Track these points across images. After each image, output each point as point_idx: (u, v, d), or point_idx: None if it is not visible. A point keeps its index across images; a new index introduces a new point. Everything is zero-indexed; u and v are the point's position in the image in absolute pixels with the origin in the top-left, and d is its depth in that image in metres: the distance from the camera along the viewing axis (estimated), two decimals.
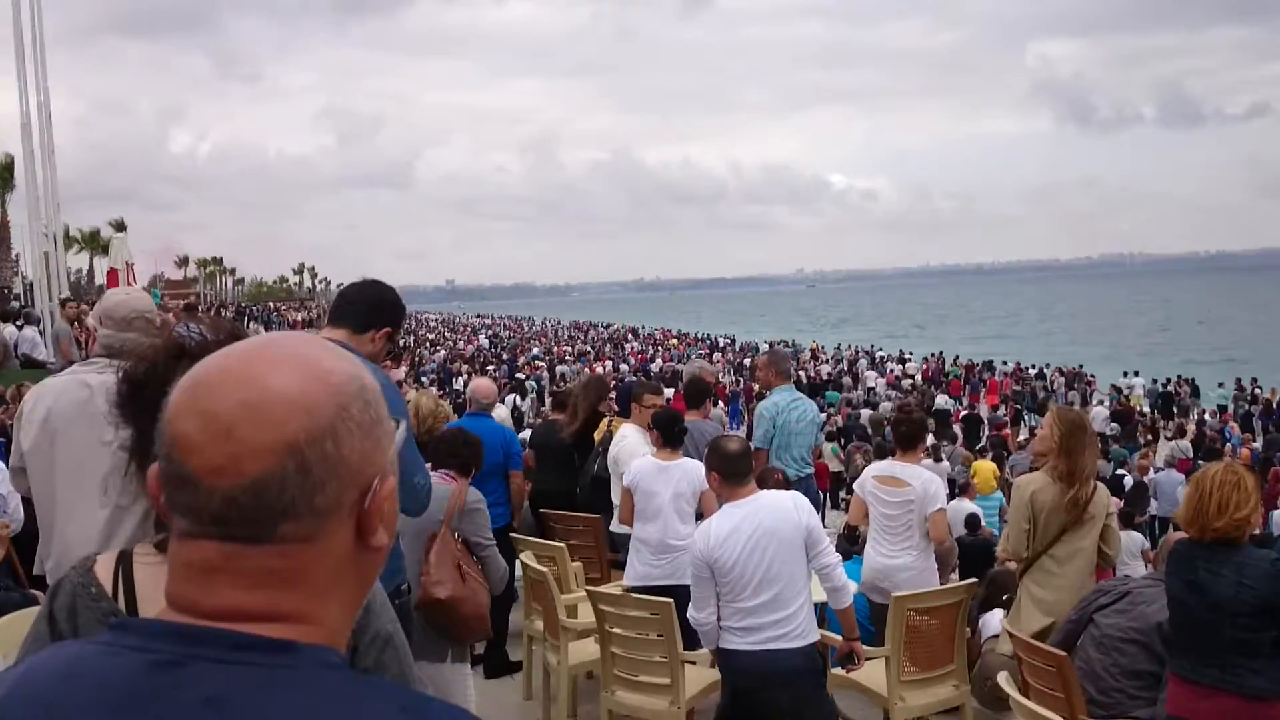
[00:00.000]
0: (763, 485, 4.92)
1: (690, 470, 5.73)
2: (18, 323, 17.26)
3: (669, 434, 5.83)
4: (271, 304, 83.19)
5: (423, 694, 0.97)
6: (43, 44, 19.62)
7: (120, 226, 63.96)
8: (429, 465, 4.58)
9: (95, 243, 61.55)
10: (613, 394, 8.76)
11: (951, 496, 12.42)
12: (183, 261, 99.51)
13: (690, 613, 4.50)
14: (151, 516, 1.37)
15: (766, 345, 54.44)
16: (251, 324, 58.26)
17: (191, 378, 0.90)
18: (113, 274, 17.29)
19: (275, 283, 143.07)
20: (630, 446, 6.46)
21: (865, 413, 26.86)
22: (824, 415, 17.03)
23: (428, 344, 57.89)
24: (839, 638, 4.66)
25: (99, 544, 3.18)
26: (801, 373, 37.06)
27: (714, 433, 7.25)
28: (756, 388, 29.13)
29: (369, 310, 3.51)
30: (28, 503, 4.12)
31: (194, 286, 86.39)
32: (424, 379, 36.80)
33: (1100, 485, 5.27)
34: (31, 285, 22.38)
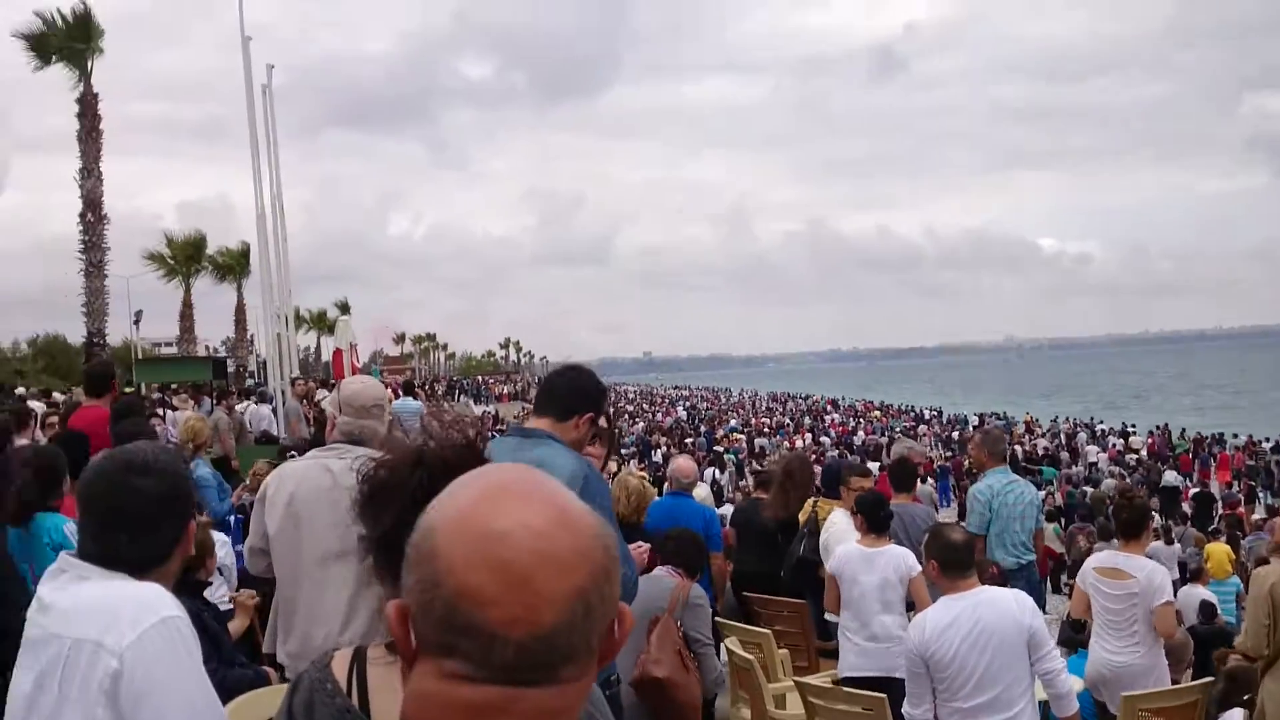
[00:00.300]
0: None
1: (897, 557, 5.53)
2: (253, 400, 18.54)
3: (874, 519, 5.64)
4: (480, 377, 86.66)
5: None
6: (275, 140, 21.25)
7: (345, 308, 68.32)
8: (652, 553, 4.60)
9: (322, 323, 65.75)
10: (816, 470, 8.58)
11: (1183, 582, 11.50)
12: (399, 338, 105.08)
13: (906, 709, 4.30)
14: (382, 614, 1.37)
15: (975, 417, 52.67)
16: (462, 396, 60.79)
17: (472, 524, 0.90)
18: (338, 354, 18.30)
19: (483, 357, 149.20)
20: (839, 533, 6.28)
21: (1088, 490, 25.36)
22: (1042, 493, 16.17)
23: (626, 416, 58.80)
24: None
25: (339, 629, 3.31)
26: (1016, 447, 35.42)
27: (924, 517, 6.98)
28: (967, 463, 28.07)
29: (571, 398, 3.53)
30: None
31: (410, 362, 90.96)
32: (623, 451, 37.31)
33: None
34: (265, 364, 24.00)
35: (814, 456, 30.73)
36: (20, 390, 19.80)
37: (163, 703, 1.99)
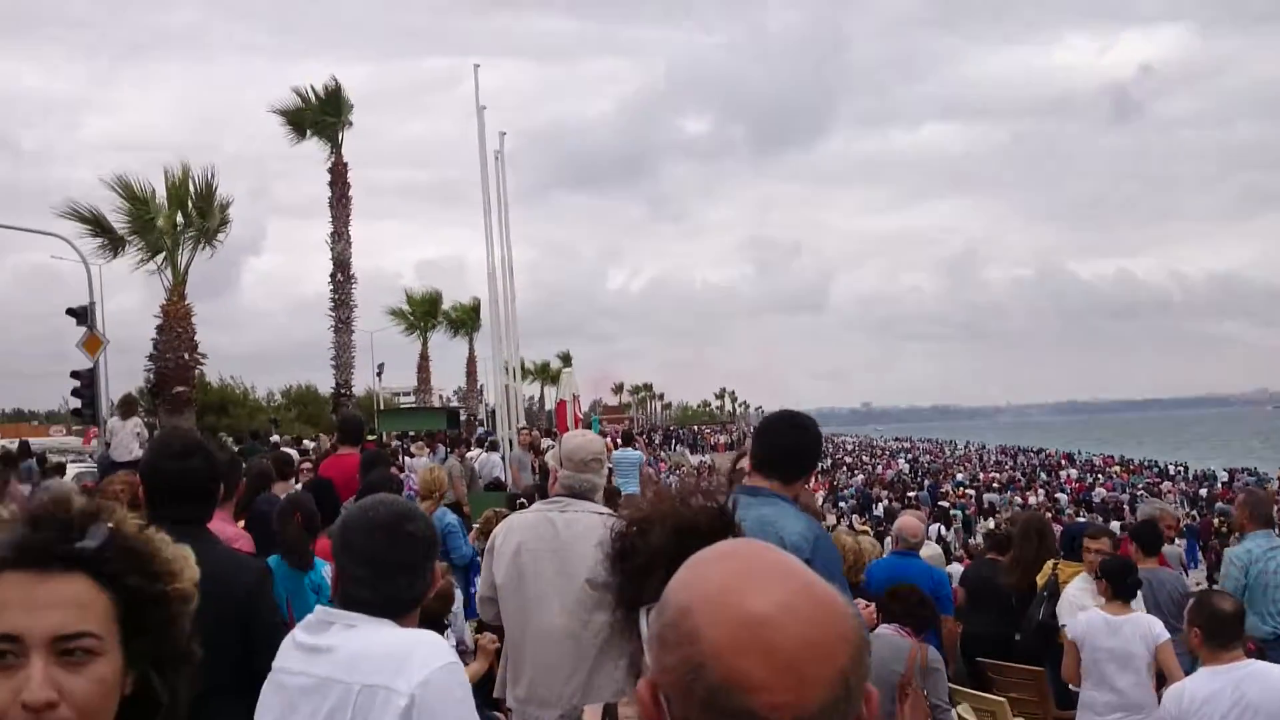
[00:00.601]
0: None
1: (1144, 625, 5.20)
2: (484, 448, 19.35)
3: (1120, 585, 5.32)
4: (696, 427, 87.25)
5: None
6: (505, 201, 22.35)
7: (567, 360, 70.45)
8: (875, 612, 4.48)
9: (545, 373, 68.08)
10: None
11: None
12: (618, 388, 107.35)
13: None
14: (630, 666, 1.40)
15: (1224, 473, 48.65)
16: (678, 446, 61.35)
17: (732, 606, 0.91)
18: (561, 405, 18.91)
19: (699, 407, 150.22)
20: (1079, 597, 5.93)
21: None
22: None
23: (845, 468, 57.66)
24: None
25: (564, 678, 3.40)
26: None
27: (1173, 582, 6.54)
28: (1216, 522, 25.93)
29: (802, 459, 3.49)
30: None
31: (628, 411, 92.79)
32: (841, 504, 36.58)
33: None
34: (494, 413, 25.03)
35: (1049, 515, 29.24)
36: (275, 438, 21.38)
37: None
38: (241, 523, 5.06)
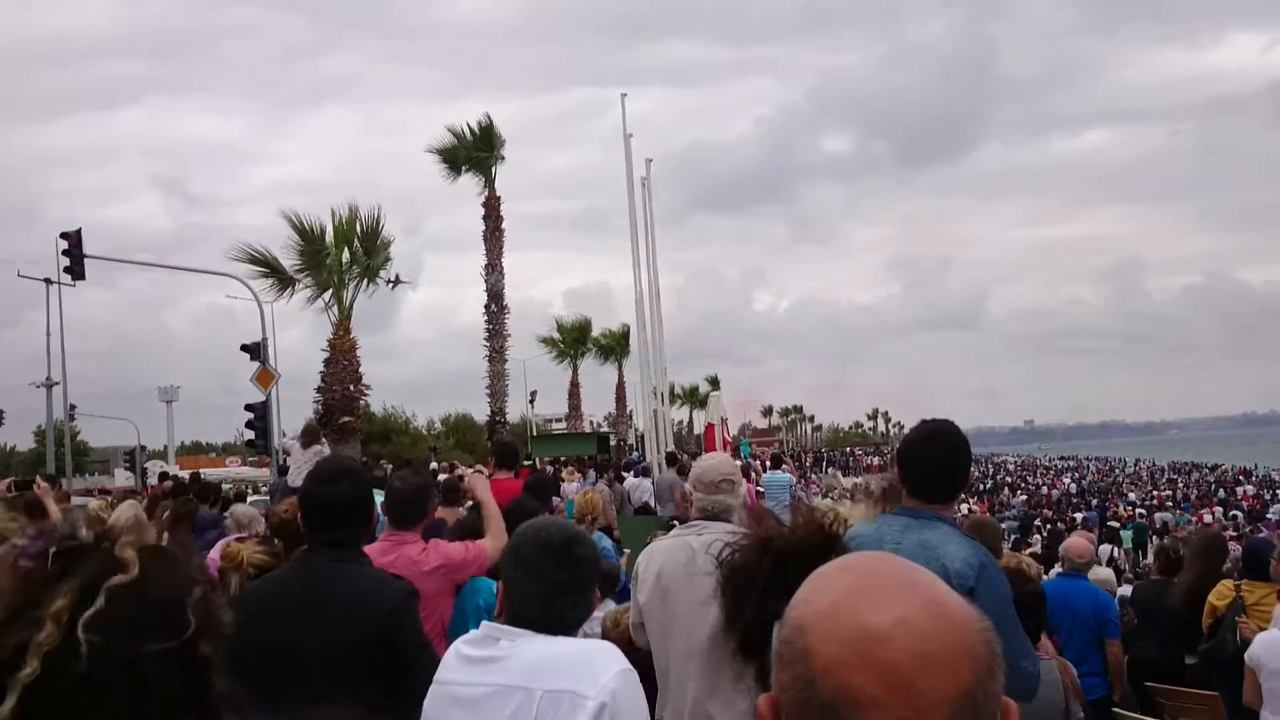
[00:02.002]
0: None
1: None
2: (634, 473, 19.57)
3: None
4: (847, 449, 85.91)
5: None
6: (652, 227, 22.62)
7: (715, 383, 70.34)
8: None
9: (694, 398, 68.20)
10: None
11: None
12: (767, 411, 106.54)
13: None
14: (758, 682, 1.45)
15: None
16: (830, 469, 60.50)
17: (846, 621, 0.89)
18: (709, 429, 18.99)
19: (850, 428, 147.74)
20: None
21: None
22: None
23: (1006, 488, 55.75)
24: None
25: (705, 697, 3.46)
26: None
27: None
28: None
29: (950, 476, 3.38)
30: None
31: (777, 434, 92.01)
32: (1003, 525, 35.40)
33: None
34: (643, 437, 25.25)
35: (1232, 533, 27.61)
36: (433, 465, 22.09)
37: None
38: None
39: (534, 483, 6.94)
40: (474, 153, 30.39)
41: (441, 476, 17.52)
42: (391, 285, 24.14)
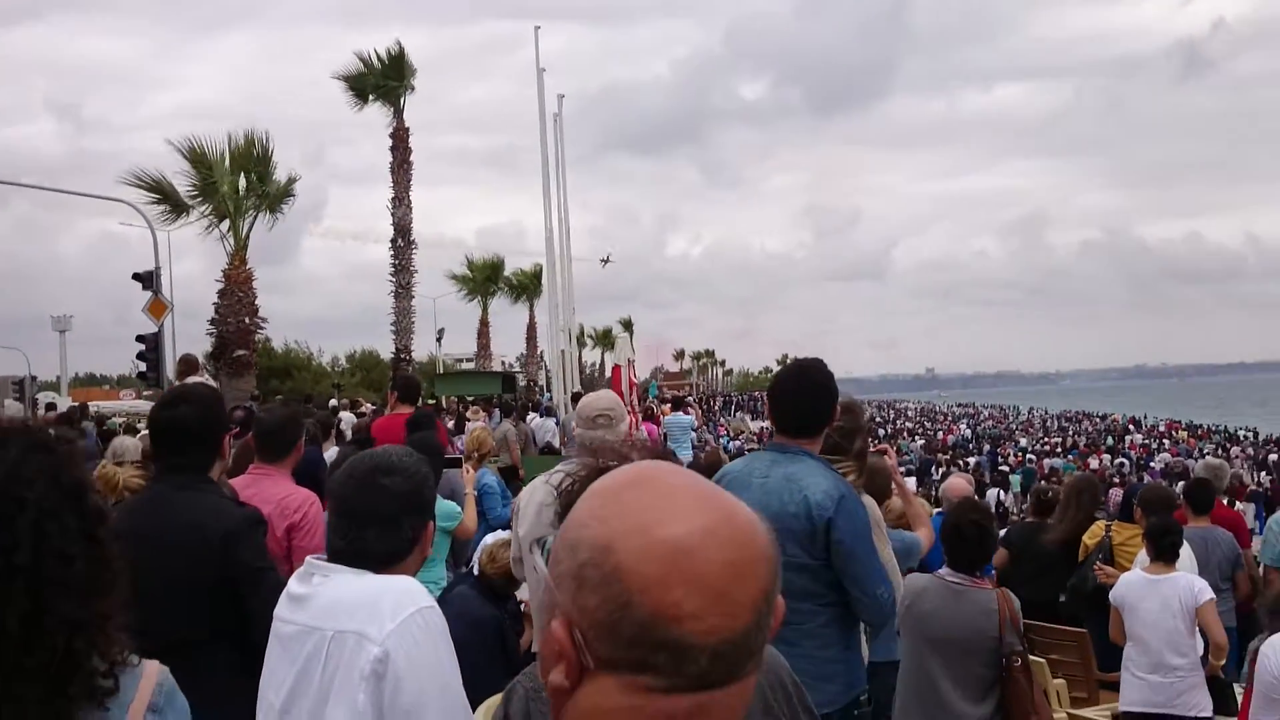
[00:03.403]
0: None
1: (1183, 586, 5.15)
2: (539, 413, 19.53)
3: (1161, 545, 5.26)
4: (757, 393, 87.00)
5: None
6: (564, 166, 22.42)
7: (628, 325, 70.54)
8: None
9: (606, 340, 68.21)
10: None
11: None
12: (679, 355, 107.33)
13: None
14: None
15: None
16: (738, 413, 61.19)
17: (654, 538, 0.88)
18: (616, 370, 18.96)
19: (760, 373, 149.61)
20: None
21: None
22: None
23: (905, 433, 57.16)
24: None
25: None
26: None
27: (1228, 543, 6.44)
28: None
29: (814, 411, 3.43)
30: None
31: (688, 378, 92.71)
32: (901, 469, 36.32)
33: None
34: (550, 379, 25.24)
35: (1117, 480, 28.74)
36: (333, 402, 21.78)
37: (421, 684, 2.11)
38: None
39: (415, 419, 6.83)
40: (382, 81, 29.54)
41: (345, 414, 17.31)
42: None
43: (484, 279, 44.33)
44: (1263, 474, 35.18)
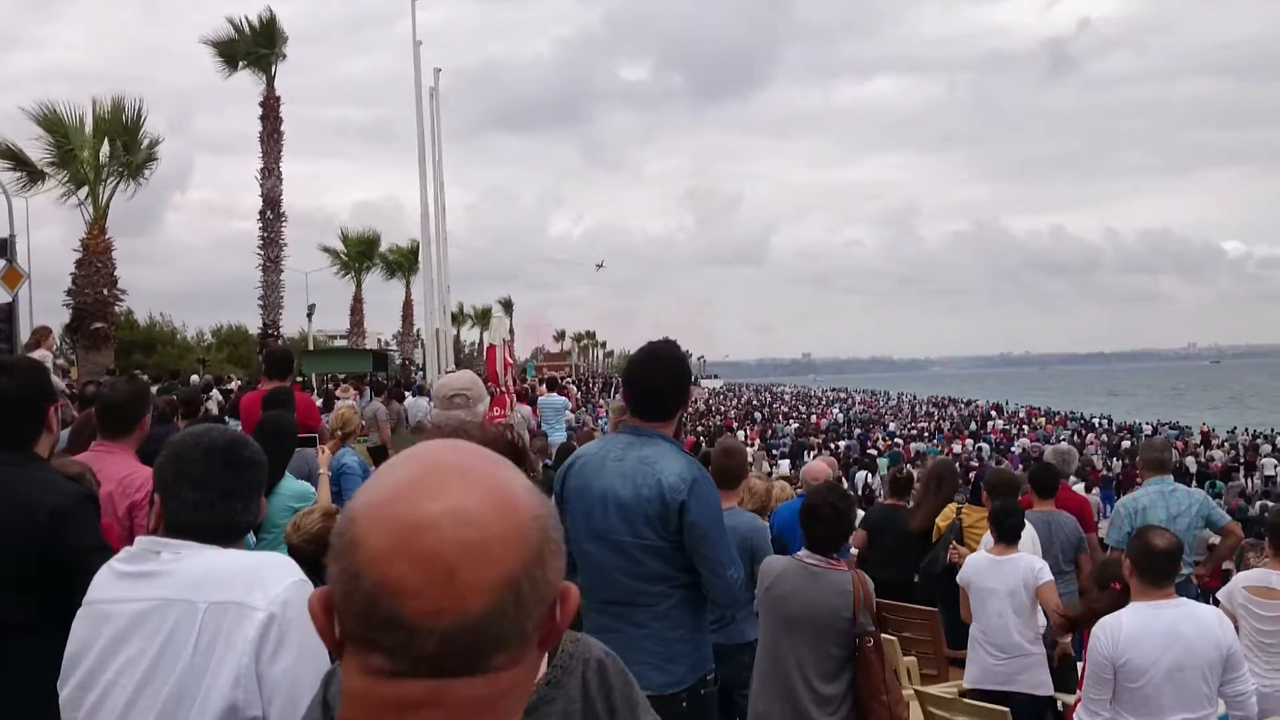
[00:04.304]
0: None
1: (1024, 566, 5.37)
2: (412, 392, 19.23)
3: (1003, 528, 5.48)
4: None
5: None
6: (440, 141, 22.05)
7: (508, 305, 70.04)
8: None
9: (485, 319, 67.66)
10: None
11: None
12: (560, 335, 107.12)
13: (1080, 715, 4.08)
14: None
15: (1148, 426, 49.97)
16: (617, 394, 61.45)
17: (395, 512, 0.86)
18: (491, 349, 18.79)
19: None
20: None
21: (1268, 505, 23.79)
22: None
23: (781, 417, 58.28)
24: None
25: None
26: (1191, 459, 33.55)
27: (1071, 527, 6.67)
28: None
29: (666, 395, 3.43)
30: None
31: (569, 359, 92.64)
32: (774, 452, 37.05)
33: None
34: (426, 357, 24.87)
35: (977, 464, 29.84)
36: (195, 378, 21.11)
37: (300, 649, 2.08)
38: None
39: (270, 398, 6.63)
40: (253, 48, 28.65)
41: (216, 392, 16.74)
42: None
43: (358, 254, 43.29)
44: (1114, 460, 37.00)
